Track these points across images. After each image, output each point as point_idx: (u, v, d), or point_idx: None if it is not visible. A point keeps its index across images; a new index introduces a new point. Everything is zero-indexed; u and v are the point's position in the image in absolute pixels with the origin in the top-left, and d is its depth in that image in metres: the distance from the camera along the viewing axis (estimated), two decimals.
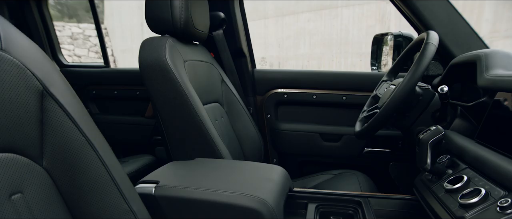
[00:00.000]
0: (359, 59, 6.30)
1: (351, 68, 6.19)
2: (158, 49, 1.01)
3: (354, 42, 6.29)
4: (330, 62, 6.51)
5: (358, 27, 6.23)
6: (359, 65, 6.27)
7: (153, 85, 1.01)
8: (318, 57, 6.56)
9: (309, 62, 6.58)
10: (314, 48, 6.56)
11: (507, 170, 0.60)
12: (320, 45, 6.52)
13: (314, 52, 6.57)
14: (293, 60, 6.66)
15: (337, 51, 6.46)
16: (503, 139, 0.70)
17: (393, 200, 0.92)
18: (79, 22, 7.81)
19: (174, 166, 0.91)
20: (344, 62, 6.42)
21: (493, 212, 0.57)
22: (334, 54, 6.49)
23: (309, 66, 6.52)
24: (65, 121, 0.54)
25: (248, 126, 1.37)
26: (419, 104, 1.00)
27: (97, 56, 7.77)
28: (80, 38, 7.64)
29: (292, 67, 6.73)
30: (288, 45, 6.67)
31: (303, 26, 6.51)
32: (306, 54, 6.59)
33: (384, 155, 1.45)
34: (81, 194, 0.56)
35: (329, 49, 6.50)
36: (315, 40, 6.56)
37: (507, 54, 0.91)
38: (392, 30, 2.19)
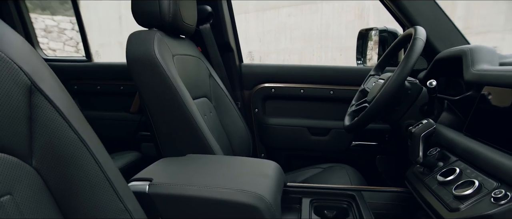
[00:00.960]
0: (339, 53, 6.38)
1: (331, 63, 6.26)
2: (146, 43, 0.99)
3: (334, 37, 6.35)
4: (311, 57, 6.56)
5: (338, 22, 6.29)
6: (339, 60, 6.34)
7: (141, 80, 0.98)
8: (299, 52, 6.60)
9: (290, 56, 6.61)
10: (295, 43, 6.59)
11: (499, 162, 0.62)
12: (300, 39, 6.55)
13: (295, 46, 6.59)
14: (274, 55, 6.67)
15: (318, 45, 6.51)
16: (491, 131, 0.72)
17: (385, 193, 0.94)
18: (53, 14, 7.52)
19: (166, 163, 0.89)
20: (325, 57, 6.49)
21: (487, 203, 0.58)
22: (315, 48, 6.54)
23: (290, 60, 6.55)
24: (55, 118, 0.51)
25: (236, 121, 1.36)
26: (407, 98, 1.02)
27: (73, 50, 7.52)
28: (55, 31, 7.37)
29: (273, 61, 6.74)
30: (269, 39, 6.67)
31: (284, 21, 6.51)
32: (287, 49, 6.60)
33: (371, 148, 1.48)
34: (74, 193, 0.54)
35: (309, 44, 6.54)
36: (296, 35, 6.58)
37: (491, 50, 0.94)
38: (371, 25, 2.22)
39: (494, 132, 0.71)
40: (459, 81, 1.11)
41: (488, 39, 5.03)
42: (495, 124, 0.72)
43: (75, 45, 7.54)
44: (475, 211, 0.59)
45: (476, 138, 0.76)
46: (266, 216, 0.68)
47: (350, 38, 6.28)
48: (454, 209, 0.63)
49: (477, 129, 0.78)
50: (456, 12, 5.20)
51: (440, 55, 1.16)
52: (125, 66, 1.71)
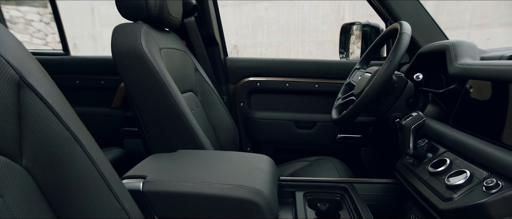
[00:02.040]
0: (316, 47, 6.45)
1: (308, 56, 6.32)
2: (133, 36, 0.95)
3: (311, 31, 6.41)
4: (288, 51, 6.59)
5: (315, 16, 6.35)
6: (316, 54, 6.41)
7: (128, 74, 0.95)
8: (276, 46, 6.61)
9: (268, 50, 6.61)
10: (272, 37, 6.60)
11: (488, 152, 0.65)
12: (278, 33, 6.57)
13: (272, 40, 6.60)
14: (251, 48, 6.65)
15: (295, 39, 6.55)
16: (477, 123, 0.75)
17: (375, 185, 0.96)
18: (18, 5, 7.13)
19: (158, 159, 0.87)
20: (302, 50, 6.54)
21: (480, 192, 0.61)
22: (292, 42, 6.58)
23: (267, 54, 6.56)
24: (46, 114, 0.48)
25: (223, 115, 1.34)
26: (394, 91, 1.04)
27: (42, 43, 7.18)
28: (21, 22, 7.00)
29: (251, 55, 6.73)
30: (246, 33, 6.64)
31: (261, 15, 6.50)
32: (264, 43, 6.60)
33: (356, 140, 1.51)
34: (68, 193, 0.52)
35: (287, 38, 6.57)
36: (273, 29, 6.59)
37: (472, 45, 0.98)
38: (346, 19, 2.22)
39: (480, 123, 0.74)
40: (440, 75, 1.15)
41: (456, 35, 5.25)
42: (480, 115, 0.75)
43: (44, 37, 7.21)
44: (468, 200, 0.61)
45: (463, 130, 0.79)
46: (265, 211, 0.68)
47: (326, 33, 6.37)
48: (448, 198, 0.65)
49: (463, 121, 0.81)
50: (426, 8, 5.38)
51: (422, 49, 1.19)
52: (105, 60, 1.67)
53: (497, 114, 0.69)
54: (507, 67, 0.69)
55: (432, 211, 0.68)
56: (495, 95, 0.72)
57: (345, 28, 1.68)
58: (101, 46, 6.50)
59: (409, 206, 0.89)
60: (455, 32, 5.31)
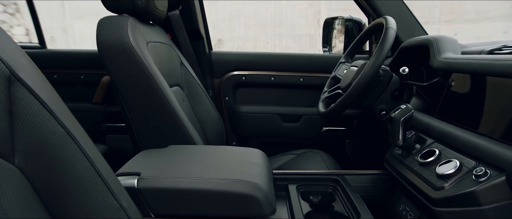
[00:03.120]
0: (293, 41, 6.49)
1: (285, 50, 6.35)
2: (120, 29, 0.92)
3: (287, 24, 6.44)
4: (265, 44, 6.60)
5: (291, 10, 6.39)
6: (293, 47, 6.46)
7: (115, 68, 0.92)
8: (253, 39, 6.60)
9: (245, 44, 6.60)
10: (249, 30, 6.58)
11: (475, 143, 0.68)
12: (255, 27, 6.56)
13: (249, 34, 6.59)
14: (228, 42, 6.61)
15: (272, 33, 6.57)
16: (461, 114, 0.79)
17: (365, 176, 0.99)
18: None
19: (150, 155, 0.85)
20: (279, 44, 6.56)
21: (470, 180, 0.64)
22: (269, 36, 6.59)
23: (244, 47, 6.54)
24: (40, 110, 0.46)
25: (209, 110, 1.33)
26: (380, 84, 1.07)
27: None
28: None
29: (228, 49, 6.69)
30: (223, 27, 6.59)
31: (237, 8, 6.46)
32: (242, 36, 6.58)
33: (341, 133, 1.54)
34: (64, 193, 0.50)
35: (264, 31, 6.57)
36: (250, 22, 6.57)
37: (453, 40, 1.02)
38: (323, 13, 2.24)
39: (464, 115, 0.78)
40: (421, 69, 1.19)
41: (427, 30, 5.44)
42: (464, 107, 0.79)
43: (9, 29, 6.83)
44: (459, 188, 0.64)
45: (448, 121, 0.82)
46: (264, 205, 0.68)
47: (303, 26, 6.42)
48: (439, 187, 0.68)
49: (448, 113, 0.85)
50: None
51: (405, 44, 1.23)
52: (85, 54, 1.61)
53: (481, 105, 0.73)
54: (489, 62, 0.72)
55: (424, 200, 0.71)
56: (478, 88, 0.76)
57: (328, 22, 1.71)
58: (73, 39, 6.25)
59: (398, 196, 0.92)
60: (426, 27, 5.52)
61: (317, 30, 6.33)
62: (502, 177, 0.59)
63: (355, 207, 0.80)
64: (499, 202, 0.60)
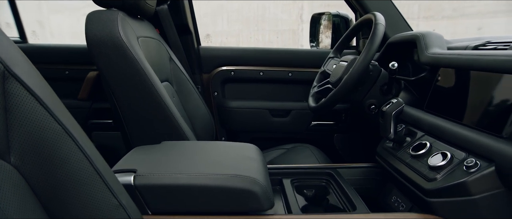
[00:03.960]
0: (276, 36, 6.51)
1: (268, 45, 6.36)
2: (110, 24, 0.90)
3: (270, 19, 6.45)
4: (249, 39, 6.59)
5: (275, 5, 6.40)
6: (276, 42, 6.48)
7: (106, 64, 0.91)
8: (237, 34, 6.59)
9: (228, 39, 6.57)
10: (232, 25, 6.56)
11: (464, 135, 0.71)
12: (238, 22, 6.54)
13: (233, 29, 6.57)
14: (212, 37, 6.57)
15: (255, 28, 6.56)
16: (449, 108, 0.82)
17: (357, 169, 1.01)
18: None
19: (144, 152, 0.84)
20: (262, 39, 6.57)
21: (461, 171, 0.66)
22: (252, 31, 6.58)
23: (227, 43, 6.52)
24: (36, 107, 0.45)
25: (199, 105, 1.33)
26: (369, 79, 1.09)
27: None
28: None
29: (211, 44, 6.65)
30: (206, 22, 6.53)
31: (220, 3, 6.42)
32: (225, 31, 6.55)
33: (329, 127, 1.56)
34: (62, 192, 0.49)
35: (247, 26, 6.56)
36: (233, 18, 6.55)
37: (439, 36, 1.05)
38: (305, 9, 2.25)
39: (452, 108, 0.80)
40: (407, 64, 1.22)
41: None
42: (452, 101, 0.82)
43: None
44: (451, 179, 0.67)
45: (437, 114, 0.85)
46: (262, 200, 0.68)
47: (286, 21, 6.44)
48: (432, 179, 0.70)
49: (436, 106, 0.87)
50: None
51: (392, 39, 1.25)
52: (70, 49, 1.57)
53: (468, 99, 0.76)
54: (476, 57, 0.75)
55: (417, 191, 0.73)
56: (465, 82, 0.79)
57: (314, 18, 1.72)
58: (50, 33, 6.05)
59: (389, 188, 0.94)
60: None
61: (300, 25, 6.37)
62: (491, 167, 0.62)
63: (350, 199, 0.81)
64: (489, 192, 0.63)
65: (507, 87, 0.66)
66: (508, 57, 0.66)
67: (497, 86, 0.69)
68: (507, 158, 0.60)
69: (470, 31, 6.14)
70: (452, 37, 1.12)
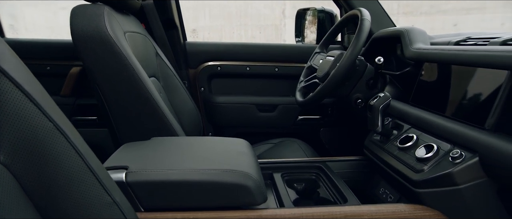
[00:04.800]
0: (259, 31, 6.51)
1: (251, 40, 6.35)
2: (96, 18, 0.89)
3: (253, 15, 6.44)
4: (231, 35, 6.56)
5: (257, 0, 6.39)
6: (259, 38, 6.47)
7: (92, 59, 0.89)
8: (219, 30, 6.54)
9: (210, 34, 6.52)
10: (215, 21, 6.51)
11: (449, 127, 0.74)
12: (220, 17, 6.49)
13: (215, 24, 6.52)
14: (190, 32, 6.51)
15: (237, 23, 6.54)
16: (434, 101, 0.85)
17: (345, 162, 1.03)
18: None
19: (134, 148, 0.83)
20: (245, 35, 6.55)
21: (447, 162, 0.69)
22: (235, 26, 6.56)
23: (210, 38, 6.46)
24: (26, 104, 0.44)
25: (186, 101, 1.32)
26: (355, 73, 1.11)
27: None
28: None
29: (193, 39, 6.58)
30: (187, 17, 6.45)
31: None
32: (207, 27, 6.49)
33: (316, 121, 1.58)
34: (54, 190, 0.48)
35: (229, 22, 6.52)
36: (215, 13, 6.50)
37: (422, 31, 1.08)
38: (288, 4, 2.26)
39: (437, 101, 0.83)
40: (391, 58, 1.25)
41: None
42: (437, 94, 0.85)
43: None
44: (438, 170, 0.69)
45: (422, 107, 0.87)
46: (255, 194, 0.69)
47: (269, 17, 6.44)
48: (420, 170, 0.72)
49: (421, 100, 0.90)
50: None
51: (376, 34, 1.28)
52: (52, 44, 1.52)
53: (452, 92, 0.79)
54: (459, 52, 0.78)
55: (405, 182, 0.76)
56: (448, 76, 0.81)
57: (300, 13, 1.74)
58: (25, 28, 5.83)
59: (377, 180, 0.97)
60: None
61: (283, 20, 6.39)
62: (475, 158, 0.65)
63: (340, 192, 0.83)
64: (473, 181, 0.66)
65: (488, 81, 0.69)
66: (488, 52, 0.69)
67: (479, 80, 0.72)
68: (490, 148, 0.62)
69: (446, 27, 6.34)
70: (430, 32, 1.16)
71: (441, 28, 6.06)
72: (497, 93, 0.66)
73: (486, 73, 0.70)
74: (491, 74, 0.69)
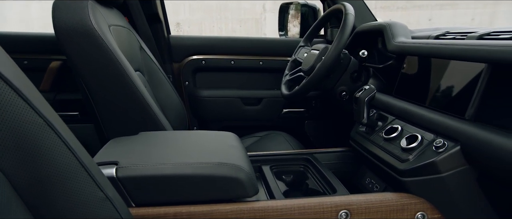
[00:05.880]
0: (239, 25, 6.48)
1: (231, 34, 6.33)
2: (80, 11, 0.86)
3: (233, 8, 6.41)
4: (211, 28, 6.51)
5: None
6: (239, 31, 6.45)
7: (77, 54, 0.86)
8: (199, 23, 6.48)
9: (190, 27, 6.44)
10: (194, 14, 6.44)
11: (432, 118, 0.77)
12: (200, 11, 6.43)
13: (195, 17, 6.45)
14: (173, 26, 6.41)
15: (217, 17, 6.49)
16: (417, 93, 0.88)
17: (332, 153, 1.05)
18: None
19: (122, 143, 0.82)
20: (225, 28, 6.51)
21: (431, 151, 0.72)
22: (215, 20, 6.51)
23: (190, 31, 6.39)
24: (14, 99, 0.42)
25: (171, 95, 1.31)
26: (340, 67, 1.13)
27: None
28: None
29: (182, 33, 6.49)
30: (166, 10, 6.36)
31: None
32: (187, 20, 6.42)
33: (300, 114, 1.60)
34: (46, 187, 0.47)
35: (209, 15, 6.47)
36: (195, 6, 6.43)
37: (403, 25, 1.11)
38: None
39: (419, 93, 0.86)
40: (373, 52, 1.28)
41: None
42: (419, 86, 0.88)
43: None
44: (422, 159, 0.72)
45: (405, 99, 0.91)
46: (247, 187, 0.70)
47: (249, 10, 6.42)
48: (405, 160, 0.75)
49: (404, 92, 0.93)
50: None
51: (359, 28, 1.30)
52: (29, 37, 1.46)
53: (434, 84, 0.82)
54: (439, 46, 0.81)
55: (391, 172, 0.78)
56: (430, 69, 0.85)
57: (283, 7, 1.75)
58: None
59: (363, 170, 1.00)
60: None
61: (263, 14, 6.39)
62: (457, 147, 0.68)
63: (329, 182, 0.85)
64: (456, 169, 0.69)
65: (467, 73, 0.72)
66: (467, 46, 0.72)
67: (459, 73, 0.75)
68: (470, 137, 0.66)
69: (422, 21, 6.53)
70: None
71: (416, 22, 6.24)
72: (476, 85, 0.69)
73: (465, 66, 0.73)
74: (469, 67, 0.72)
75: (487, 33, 0.81)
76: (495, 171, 0.64)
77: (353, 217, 0.73)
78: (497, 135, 0.61)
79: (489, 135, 0.62)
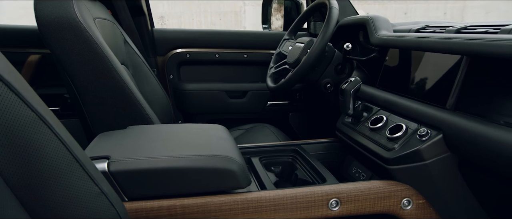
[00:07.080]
0: (219, 18, 6.44)
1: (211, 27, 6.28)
2: (64, 4, 0.84)
3: (213, 1, 6.36)
4: (191, 21, 6.45)
5: None
6: (218, 24, 6.42)
7: (62, 47, 0.84)
8: (178, 16, 6.40)
9: (169, 21, 6.36)
10: (173, 7, 6.36)
11: (415, 108, 0.80)
12: (179, 4, 6.35)
13: (174, 11, 6.37)
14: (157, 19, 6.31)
15: (197, 10, 6.43)
16: (400, 84, 0.91)
17: (319, 144, 1.07)
18: None
19: (111, 138, 0.82)
20: (204, 21, 6.47)
21: (415, 140, 0.75)
22: (194, 13, 6.44)
23: (169, 25, 6.30)
24: (6, 93, 0.42)
25: (156, 89, 1.29)
26: (324, 59, 1.15)
27: None
28: None
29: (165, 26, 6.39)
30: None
31: None
32: (166, 13, 6.33)
33: (285, 106, 1.63)
34: (41, 183, 0.46)
35: (188, 8, 6.40)
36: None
37: (385, 19, 1.14)
38: None
39: (402, 84, 0.90)
40: (355, 45, 1.31)
41: None
42: (402, 78, 0.91)
43: None
44: (407, 148, 0.75)
45: (389, 90, 0.94)
46: (240, 178, 0.71)
47: (228, 3, 6.38)
48: (391, 148, 0.78)
49: (388, 83, 0.97)
50: None
51: (342, 22, 1.33)
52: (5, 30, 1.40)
53: (416, 76, 0.85)
54: (421, 39, 0.84)
55: (378, 160, 0.82)
56: (412, 61, 0.88)
57: (266, 1, 1.76)
58: None
59: (349, 160, 1.03)
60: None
61: (243, 7, 6.36)
62: (439, 135, 0.72)
63: (318, 172, 0.87)
64: (438, 156, 0.73)
65: (447, 65, 0.76)
66: (446, 40, 0.75)
67: (439, 64, 0.79)
68: (451, 126, 0.69)
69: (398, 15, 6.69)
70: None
71: (393, 16, 6.40)
72: (456, 76, 0.73)
73: (445, 58, 0.77)
74: (449, 59, 0.76)
75: (464, 27, 0.85)
76: (474, 158, 0.68)
77: (343, 204, 0.76)
78: (476, 123, 0.65)
79: (469, 123, 0.66)
